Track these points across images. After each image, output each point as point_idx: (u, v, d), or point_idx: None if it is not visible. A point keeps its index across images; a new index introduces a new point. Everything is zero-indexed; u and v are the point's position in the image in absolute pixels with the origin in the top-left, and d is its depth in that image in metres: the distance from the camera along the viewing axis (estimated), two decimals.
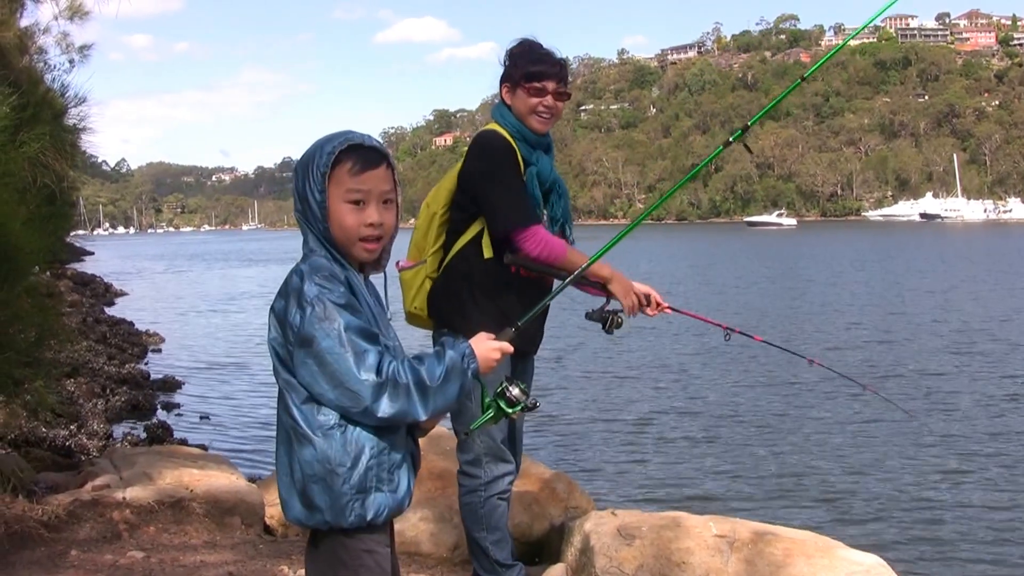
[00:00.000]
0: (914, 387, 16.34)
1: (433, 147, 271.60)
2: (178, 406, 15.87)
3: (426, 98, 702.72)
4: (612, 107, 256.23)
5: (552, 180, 4.85)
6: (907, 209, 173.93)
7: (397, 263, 4.77)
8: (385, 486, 2.78)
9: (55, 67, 13.19)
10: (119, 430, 12.91)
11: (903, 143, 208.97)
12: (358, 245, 2.83)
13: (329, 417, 2.71)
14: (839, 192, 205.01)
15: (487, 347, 2.92)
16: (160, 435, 12.59)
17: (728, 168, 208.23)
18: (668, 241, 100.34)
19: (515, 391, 3.04)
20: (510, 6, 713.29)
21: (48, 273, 18.39)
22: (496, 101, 4.88)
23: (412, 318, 4.96)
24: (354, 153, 2.79)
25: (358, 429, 2.72)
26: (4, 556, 5.46)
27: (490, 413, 3.08)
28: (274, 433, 2.89)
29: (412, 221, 5.06)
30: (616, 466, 11.77)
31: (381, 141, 2.88)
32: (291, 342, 2.73)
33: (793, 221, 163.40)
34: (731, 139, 3.63)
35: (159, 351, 23.18)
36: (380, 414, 2.66)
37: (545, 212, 4.81)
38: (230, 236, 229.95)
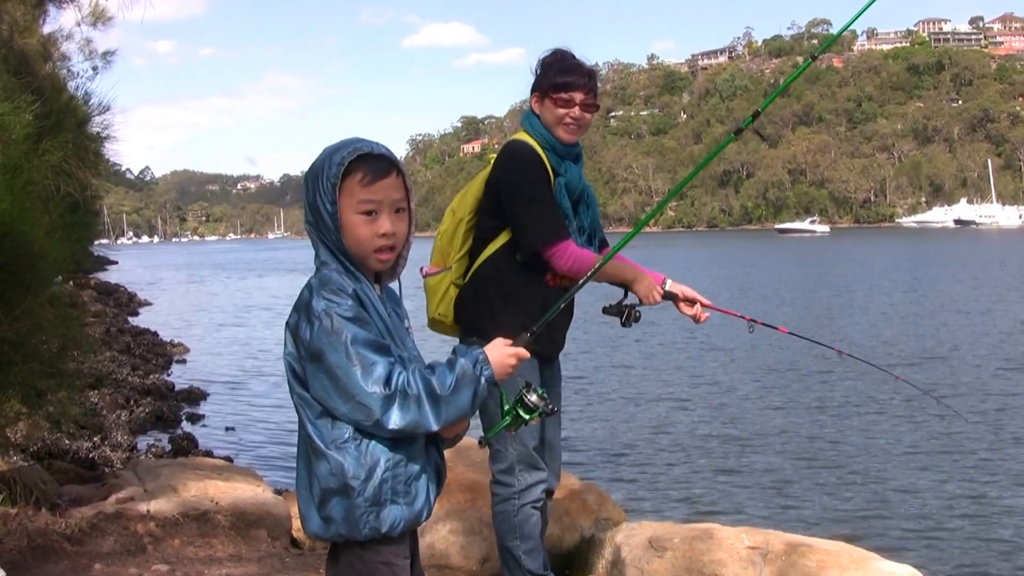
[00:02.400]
0: (958, 392, 16.23)
1: (461, 154, 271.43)
2: (203, 417, 15.92)
3: (454, 104, 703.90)
4: (642, 113, 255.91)
5: (581, 189, 4.83)
6: (941, 215, 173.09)
7: (421, 269, 4.77)
8: (401, 498, 2.77)
9: (78, 74, 13.26)
10: (143, 442, 12.98)
11: (937, 148, 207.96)
12: (372, 256, 2.83)
13: (343, 431, 2.72)
14: (872, 198, 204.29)
15: (502, 353, 2.90)
16: (185, 447, 12.67)
17: (760, 174, 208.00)
18: (696, 248, 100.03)
19: (533, 397, 3.01)
20: (538, 11, 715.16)
21: (71, 283, 18.49)
22: (526, 108, 4.87)
23: (435, 324, 4.94)
24: (364, 163, 2.78)
25: (373, 442, 2.73)
26: (27, 570, 5.45)
27: (507, 420, 3.06)
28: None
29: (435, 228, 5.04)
30: (648, 475, 11.77)
31: (390, 148, 2.87)
32: (303, 356, 2.75)
33: (826, 228, 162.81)
34: (742, 126, 3.57)
35: (184, 362, 23.25)
36: (391, 426, 2.67)
37: (574, 222, 4.77)
38: (256, 245, 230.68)
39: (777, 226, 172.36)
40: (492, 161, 4.81)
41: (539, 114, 4.76)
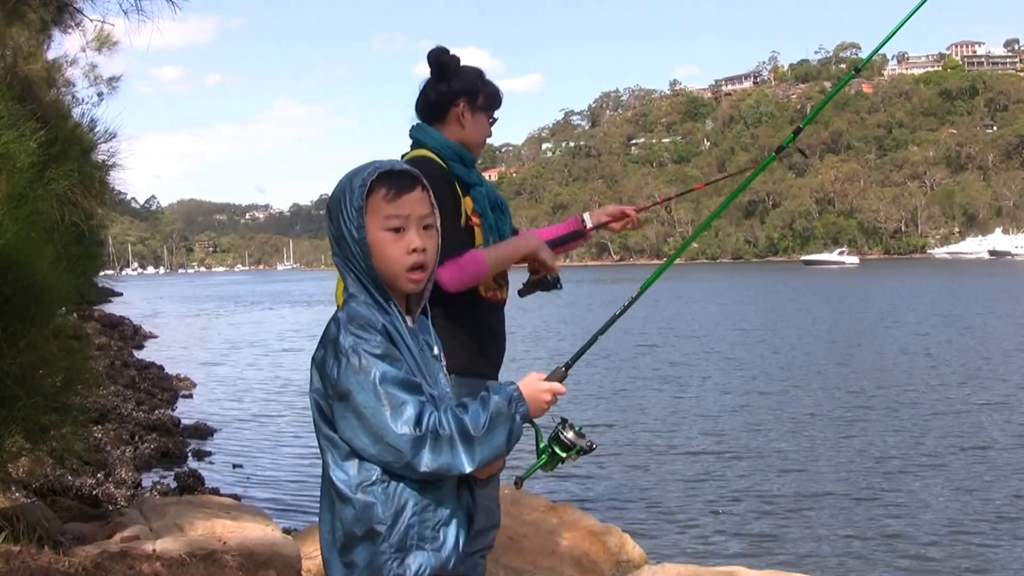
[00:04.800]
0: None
1: None
2: (210, 454, 15.90)
3: None
4: (664, 140, 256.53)
5: (495, 198, 4.72)
6: (975, 246, 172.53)
7: None
8: (428, 544, 2.71)
9: (83, 100, 13.37)
10: (148, 479, 12.98)
11: (971, 176, 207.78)
12: (404, 276, 2.79)
13: (371, 472, 2.67)
14: (903, 228, 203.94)
15: (537, 388, 2.84)
16: (191, 484, 12.64)
17: (786, 204, 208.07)
18: (717, 281, 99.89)
19: (570, 434, 2.98)
20: (555, 36, 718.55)
21: (76, 315, 18.55)
22: (414, 122, 4.69)
23: None
24: (386, 180, 2.77)
25: (402, 484, 2.68)
26: None
27: (543, 459, 3.02)
28: (309, 484, 2.88)
29: None
30: (670, 514, 11.68)
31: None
32: (330, 395, 2.69)
33: (855, 259, 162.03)
34: (784, 144, 3.58)
35: (190, 396, 23.29)
36: (422, 468, 2.61)
37: (495, 232, 4.60)
38: (265, 276, 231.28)
39: (803, 257, 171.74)
40: None
41: (462, 123, 4.61)
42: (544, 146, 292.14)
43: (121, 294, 72.98)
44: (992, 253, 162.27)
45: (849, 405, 19.31)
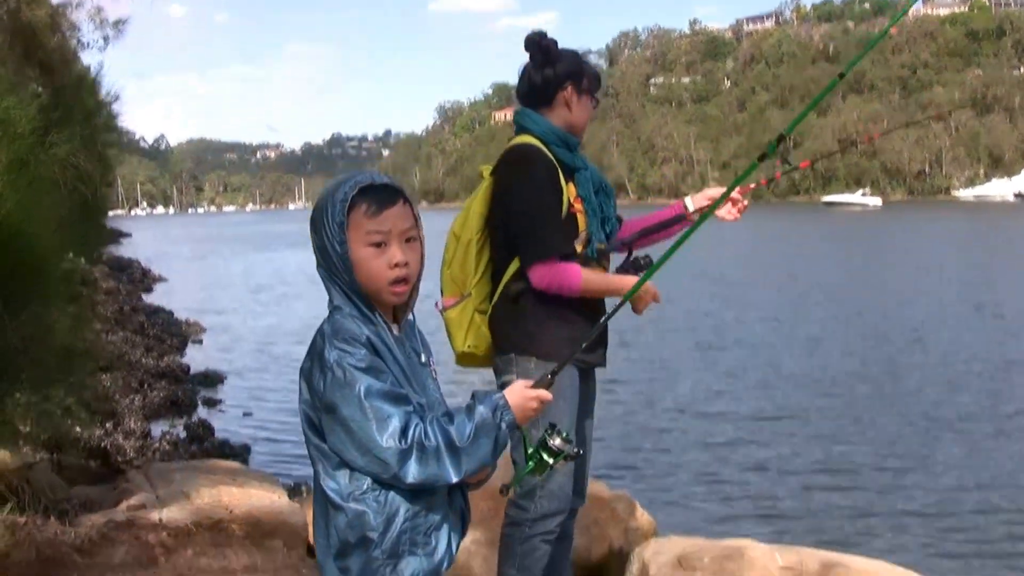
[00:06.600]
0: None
1: (492, 122, 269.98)
2: (219, 402, 16.01)
3: (485, 71, 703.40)
4: (684, 80, 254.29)
5: (599, 181, 4.79)
6: (1000, 188, 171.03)
7: (437, 304, 4.74)
8: (420, 549, 2.79)
9: (88, 44, 13.30)
10: (157, 428, 13.06)
11: (996, 118, 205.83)
12: (386, 290, 2.82)
13: (362, 482, 2.74)
14: (927, 170, 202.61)
15: (524, 396, 2.90)
16: (201, 434, 12.76)
17: (808, 144, 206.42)
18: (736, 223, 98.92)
19: (557, 440, 3.02)
20: None
21: (83, 260, 18.50)
22: (518, 109, 4.78)
23: (465, 358, 4.85)
24: (367, 195, 2.79)
25: (392, 492, 2.75)
26: None
27: (531, 465, 3.06)
28: None
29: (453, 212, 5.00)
30: (680, 481, 11.53)
31: (393, 179, 2.89)
32: (318, 407, 2.75)
33: (878, 200, 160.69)
34: (768, 151, 3.57)
35: (200, 342, 23.40)
36: (409, 479, 2.68)
37: (599, 214, 4.71)
38: (276, 216, 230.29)
39: (825, 199, 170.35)
40: (488, 174, 4.74)
41: (567, 109, 4.67)
42: None
43: (130, 235, 73.05)
44: (1017, 195, 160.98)
45: (879, 362, 19.04)
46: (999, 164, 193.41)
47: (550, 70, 4.65)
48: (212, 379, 17.65)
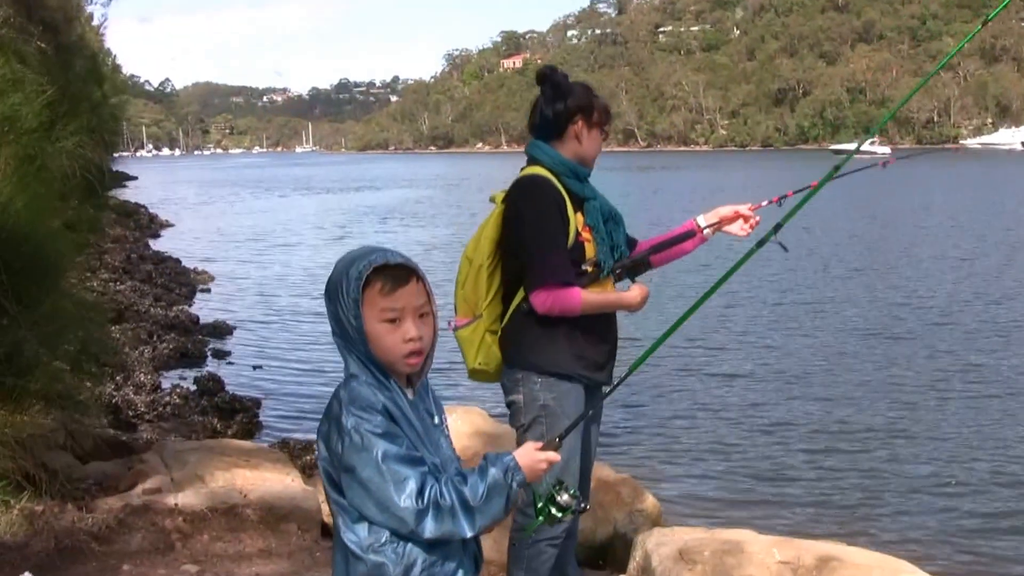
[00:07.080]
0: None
1: (501, 70, 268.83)
2: (229, 354, 15.98)
3: (493, 18, 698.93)
4: (692, 28, 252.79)
5: (608, 210, 4.92)
6: (1008, 137, 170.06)
7: (449, 322, 4.84)
8: None
9: None
10: (167, 381, 13.11)
11: (1005, 68, 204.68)
12: (401, 362, 2.91)
13: (381, 535, 2.84)
14: (935, 119, 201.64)
15: (533, 458, 3.01)
16: (211, 388, 12.78)
17: (817, 93, 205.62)
18: (749, 169, 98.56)
19: (565, 496, 3.17)
20: None
21: (91, 207, 18.42)
22: (531, 141, 4.93)
23: (476, 374, 5.03)
24: (382, 273, 2.86)
25: (410, 544, 2.85)
26: (55, 572, 5.59)
27: (540, 520, 3.22)
28: (328, 389, 3.00)
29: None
30: (685, 463, 11.10)
31: (407, 256, 2.97)
32: (337, 467, 2.86)
33: (887, 149, 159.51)
34: (765, 238, 3.75)
35: (208, 291, 23.33)
36: (426, 536, 2.79)
37: (607, 241, 4.85)
38: (283, 159, 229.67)
39: (832, 146, 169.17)
40: (500, 201, 4.88)
41: (577, 141, 4.84)
42: (569, 33, 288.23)
43: (136, 178, 72.66)
44: None
45: (886, 329, 18.55)
46: (1007, 113, 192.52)
47: (561, 104, 4.80)
48: (221, 330, 17.56)
